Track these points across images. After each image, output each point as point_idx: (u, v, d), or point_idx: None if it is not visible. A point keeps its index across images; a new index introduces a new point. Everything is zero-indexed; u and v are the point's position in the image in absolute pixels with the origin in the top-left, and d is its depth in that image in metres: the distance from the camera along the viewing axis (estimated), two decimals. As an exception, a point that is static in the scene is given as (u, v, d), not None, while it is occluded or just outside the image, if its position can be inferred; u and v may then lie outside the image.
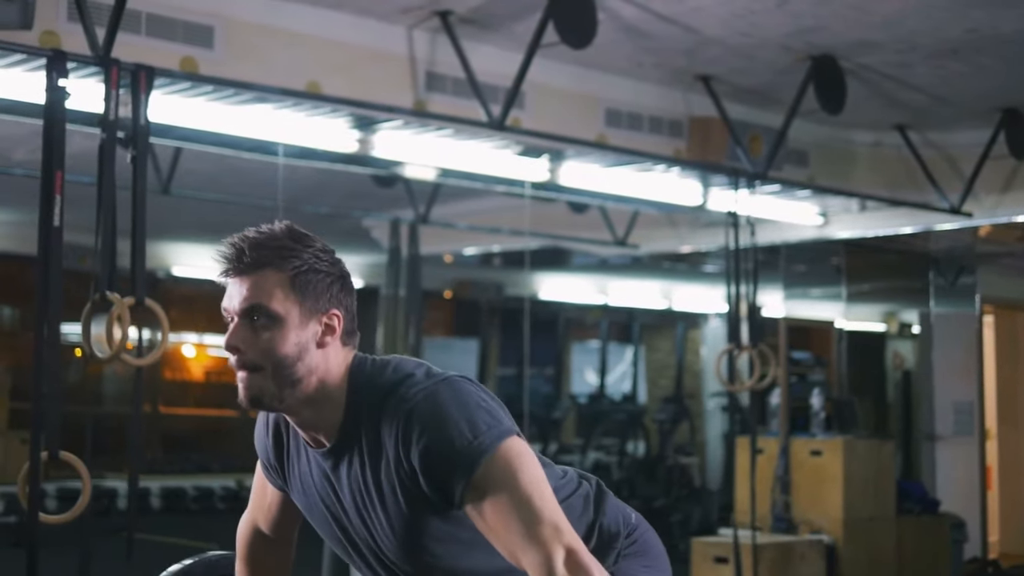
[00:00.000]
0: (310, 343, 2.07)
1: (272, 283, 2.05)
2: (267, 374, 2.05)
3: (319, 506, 2.23)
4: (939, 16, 5.64)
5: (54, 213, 4.22)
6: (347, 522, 2.20)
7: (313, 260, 2.08)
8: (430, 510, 2.07)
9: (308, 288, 2.07)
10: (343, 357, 2.12)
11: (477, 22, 5.78)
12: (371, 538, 2.18)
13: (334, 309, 2.10)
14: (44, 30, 4.73)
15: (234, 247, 2.07)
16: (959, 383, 9.77)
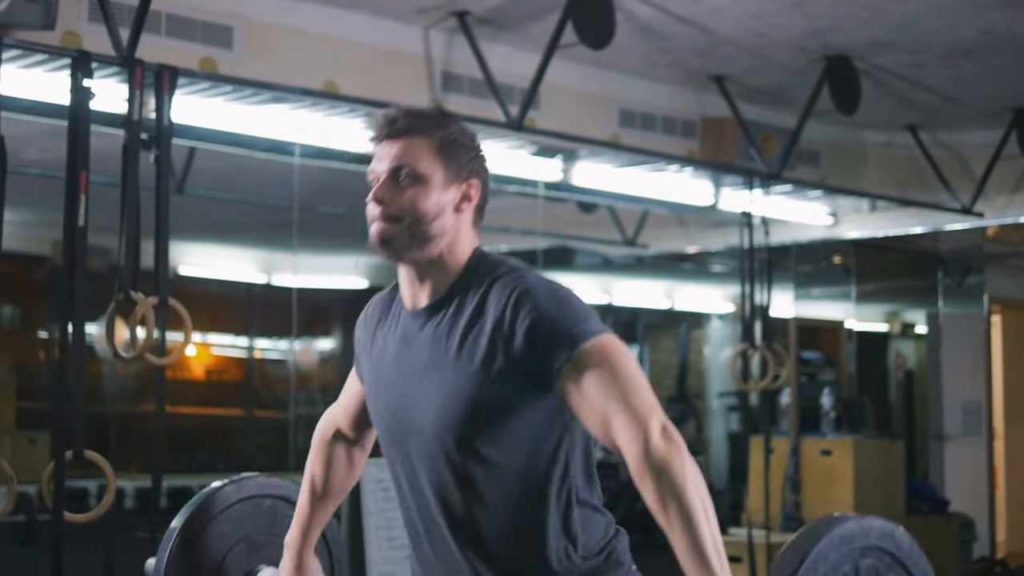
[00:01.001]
0: (448, 206, 2.22)
1: (420, 147, 2.21)
2: (404, 226, 2.20)
3: (383, 377, 2.30)
4: (954, 16, 5.66)
5: (79, 213, 4.23)
6: (405, 394, 2.25)
7: (459, 133, 2.26)
8: (504, 385, 2.12)
9: (452, 155, 2.23)
10: (472, 236, 2.28)
11: (494, 22, 5.79)
12: (423, 415, 2.21)
13: (474, 179, 2.26)
14: (66, 30, 4.74)
15: (388, 116, 2.24)
16: (967, 383, 9.79)
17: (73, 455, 4.23)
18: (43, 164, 7.22)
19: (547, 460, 2.18)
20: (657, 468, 1.98)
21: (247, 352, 12.78)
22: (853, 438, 8.03)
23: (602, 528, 2.30)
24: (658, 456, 1.99)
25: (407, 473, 2.27)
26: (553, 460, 2.19)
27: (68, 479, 4.24)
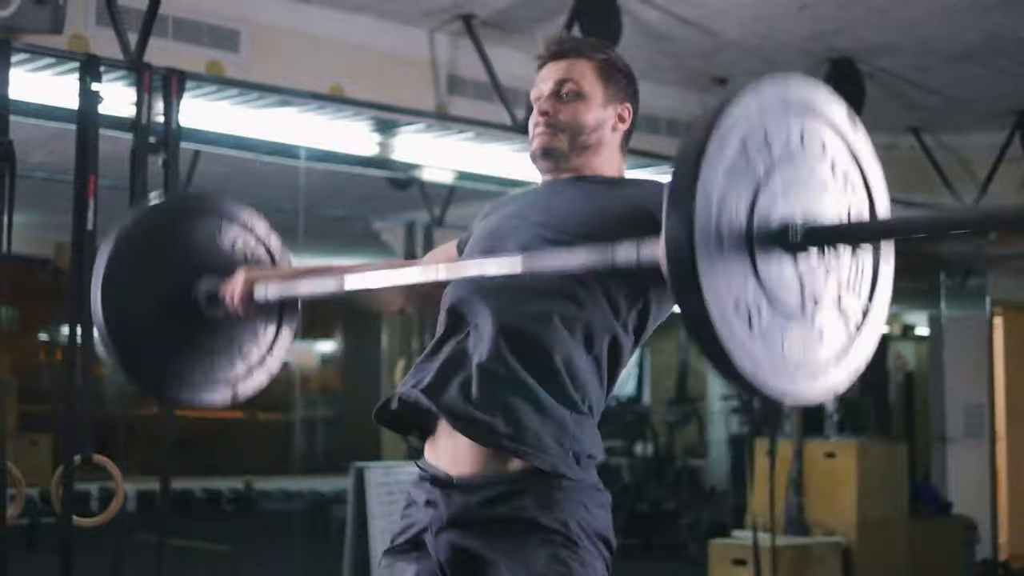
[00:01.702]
0: (606, 123, 2.39)
1: (583, 67, 2.39)
2: (564, 137, 2.36)
3: (504, 213, 2.43)
4: (958, 19, 5.67)
5: (88, 217, 4.24)
6: (517, 221, 2.35)
7: (618, 60, 2.44)
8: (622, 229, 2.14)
9: (611, 79, 2.40)
10: (621, 159, 2.45)
11: (499, 26, 5.80)
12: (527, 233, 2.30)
13: (627, 103, 2.43)
14: (73, 34, 4.75)
15: (554, 39, 2.45)
16: (969, 385, 9.79)
17: (81, 459, 4.24)
18: (48, 167, 7.22)
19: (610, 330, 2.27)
20: None
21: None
22: (857, 441, 8.02)
23: (598, 443, 2.37)
24: None
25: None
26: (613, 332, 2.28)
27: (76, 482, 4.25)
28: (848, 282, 1.93)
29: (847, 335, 1.93)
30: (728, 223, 1.74)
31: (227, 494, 11.81)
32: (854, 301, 1.94)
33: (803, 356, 1.84)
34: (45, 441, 10.67)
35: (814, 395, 1.87)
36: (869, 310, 1.98)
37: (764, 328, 1.78)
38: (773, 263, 1.80)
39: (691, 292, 1.70)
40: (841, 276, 1.92)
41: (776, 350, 1.80)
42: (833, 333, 1.90)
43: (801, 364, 1.84)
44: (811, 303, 1.85)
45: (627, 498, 10.84)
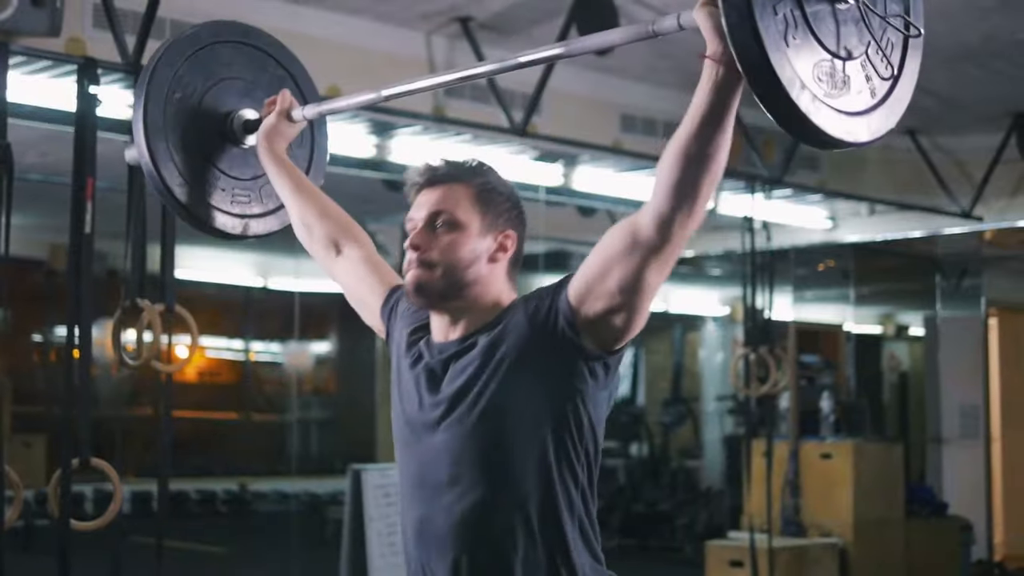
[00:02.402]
0: (483, 255, 2.23)
1: (459, 194, 2.24)
2: (438, 272, 2.20)
3: (403, 408, 2.28)
4: (956, 20, 5.67)
5: (85, 219, 4.22)
6: (426, 421, 2.23)
7: (497, 182, 2.28)
8: (541, 377, 2.12)
9: (490, 204, 2.25)
10: (508, 287, 2.27)
11: (496, 28, 5.80)
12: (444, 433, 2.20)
13: (509, 230, 2.26)
14: (69, 37, 4.74)
15: (429, 165, 2.27)
16: (965, 386, 9.80)
17: (79, 462, 4.22)
18: (42, 169, 7.21)
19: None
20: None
21: (244, 355, 12.77)
22: (853, 442, 8.03)
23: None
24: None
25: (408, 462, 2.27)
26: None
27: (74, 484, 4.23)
28: (882, 36, 2.00)
29: (891, 77, 2.03)
30: None
31: (222, 496, 11.78)
32: (898, 22, 2.02)
33: (864, 98, 1.95)
34: (39, 442, 10.65)
35: (890, 123, 2.01)
36: (913, 22, 2.04)
37: (833, 80, 1.89)
38: (822, 6, 1.89)
39: (754, 53, 1.78)
40: (876, 26, 1.99)
41: (845, 102, 1.91)
42: (875, 78, 2.00)
43: (865, 104, 1.96)
44: (858, 47, 1.94)
45: (623, 499, 10.84)
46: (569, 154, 6.54)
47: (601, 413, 2.20)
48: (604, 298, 2.08)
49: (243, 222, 2.81)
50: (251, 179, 2.81)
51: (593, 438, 2.18)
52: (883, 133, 2.01)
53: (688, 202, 2.01)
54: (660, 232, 2.03)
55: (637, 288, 2.07)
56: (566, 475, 2.15)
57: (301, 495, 10.78)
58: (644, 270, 2.06)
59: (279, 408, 12.56)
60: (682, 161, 1.97)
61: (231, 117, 2.79)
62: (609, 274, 2.07)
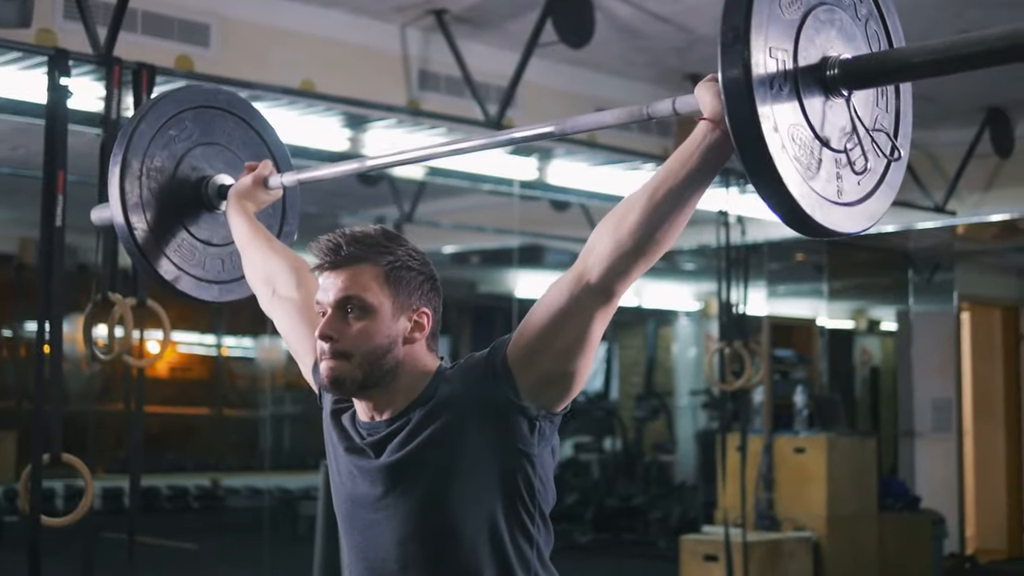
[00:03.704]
0: (399, 338, 2.12)
1: (368, 276, 2.11)
2: (355, 362, 2.09)
3: (342, 483, 2.21)
4: (931, 16, 5.67)
5: (56, 213, 4.18)
6: (365, 497, 2.16)
7: (407, 258, 2.14)
8: (485, 451, 2.06)
9: (401, 284, 2.12)
10: (429, 358, 2.16)
11: (472, 21, 5.77)
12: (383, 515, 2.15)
13: (424, 307, 2.15)
14: (41, 28, 4.69)
15: (331, 243, 2.12)
16: (937, 380, 9.85)
17: (50, 458, 4.18)
18: (12, 162, 7.15)
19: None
20: (613, 214, 1.99)
21: (216, 351, 12.71)
22: (826, 436, 8.05)
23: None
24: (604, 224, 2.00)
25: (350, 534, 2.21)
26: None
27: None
28: (877, 119, 2.03)
29: (882, 167, 2.04)
30: (775, 63, 1.85)
31: (194, 492, 11.73)
32: (883, 137, 2.04)
33: (847, 190, 1.95)
34: (9, 439, 10.57)
35: (858, 228, 1.98)
36: (897, 145, 2.06)
37: (815, 164, 1.90)
38: (816, 100, 1.91)
39: (750, 129, 1.79)
40: (871, 112, 2.02)
41: (823, 185, 1.90)
42: (869, 167, 2.01)
43: (845, 197, 1.95)
44: (850, 138, 1.96)
45: (596, 494, 10.84)
46: (544, 148, 6.52)
47: (549, 468, 2.13)
48: (549, 358, 2.03)
49: (218, 287, 2.84)
50: (228, 243, 2.79)
51: (545, 495, 2.13)
52: (866, 227, 2.01)
53: (648, 255, 1.97)
54: (615, 283, 1.98)
55: (583, 343, 2.02)
56: (520, 540, 2.10)
57: (274, 491, 10.74)
58: (593, 324, 2.01)
59: (251, 404, 12.50)
60: (653, 214, 1.93)
61: (206, 182, 2.79)
62: (557, 331, 2.01)
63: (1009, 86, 6.92)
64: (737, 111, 1.80)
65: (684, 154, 1.92)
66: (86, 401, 11.46)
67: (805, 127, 1.88)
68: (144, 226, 2.68)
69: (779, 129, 1.83)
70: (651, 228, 1.93)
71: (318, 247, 2.13)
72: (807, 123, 1.89)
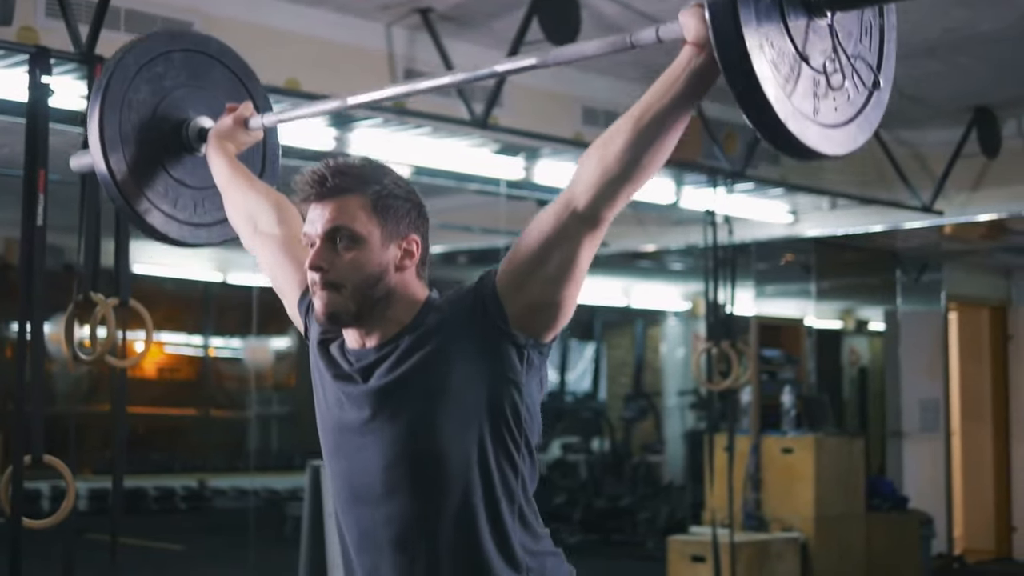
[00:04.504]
0: (390, 266, 2.13)
1: (355, 206, 2.11)
2: (347, 293, 2.11)
3: (328, 413, 2.23)
4: (918, 14, 5.66)
5: (37, 212, 4.14)
6: (352, 421, 2.17)
7: (393, 187, 2.16)
8: (474, 375, 2.08)
9: (389, 212, 2.14)
10: (419, 287, 2.18)
11: (457, 19, 5.75)
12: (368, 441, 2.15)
13: (413, 235, 2.16)
14: (22, 26, 4.65)
15: (316, 175, 2.12)
16: (925, 380, 9.84)
17: (31, 459, 4.14)
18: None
19: None
20: (601, 140, 2.03)
21: (203, 351, 12.66)
22: (814, 436, 8.04)
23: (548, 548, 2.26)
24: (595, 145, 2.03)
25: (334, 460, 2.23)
26: None
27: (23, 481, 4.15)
28: (860, 53, 2.05)
29: (862, 100, 2.06)
30: None
31: (180, 492, 11.69)
32: (864, 67, 2.06)
33: (823, 110, 1.97)
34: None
35: (832, 150, 2.00)
36: (878, 76, 2.08)
37: (797, 85, 1.92)
38: (799, 20, 1.93)
39: (734, 47, 1.82)
40: (853, 45, 2.03)
41: (800, 100, 1.93)
42: (848, 94, 2.03)
43: (821, 117, 1.97)
44: (831, 61, 1.98)
45: (584, 495, 10.82)
46: (531, 147, 6.49)
47: (536, 398, 2.15)
48: (537, 286, 2.05)
49: (194, 230, 2.84)
50: (204, 188, 2.81)
51: (531, 424, 2.14)
52: (839, 153, 2.03)
53: (634, 179, 2.01)
54: (602, 209, 2.02)
55: (571, 271, 2.05)
56: (505, 468, 2.11)
57: (261, 491, 10.70)
58: (581, 249, 2.04)
59: (238, 404, 12.46)
60: (639, 139, 1.97)
61: (186, 125, 2.80)
62: (545, 258, 2.04)
63: (996, 86, 6.91)
64: (722, 26, 1.83)
65: (669, 79, 1.96)
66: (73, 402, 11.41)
67: (787, 42, 1.91)
68: (120, 156, 2.69)
69: (763, 46, 1.86)
70: (637, 152, 1.97)
71: (303, 180, 2.13)
72: (789, 39, 1.91)
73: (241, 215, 2.57)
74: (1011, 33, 5.92)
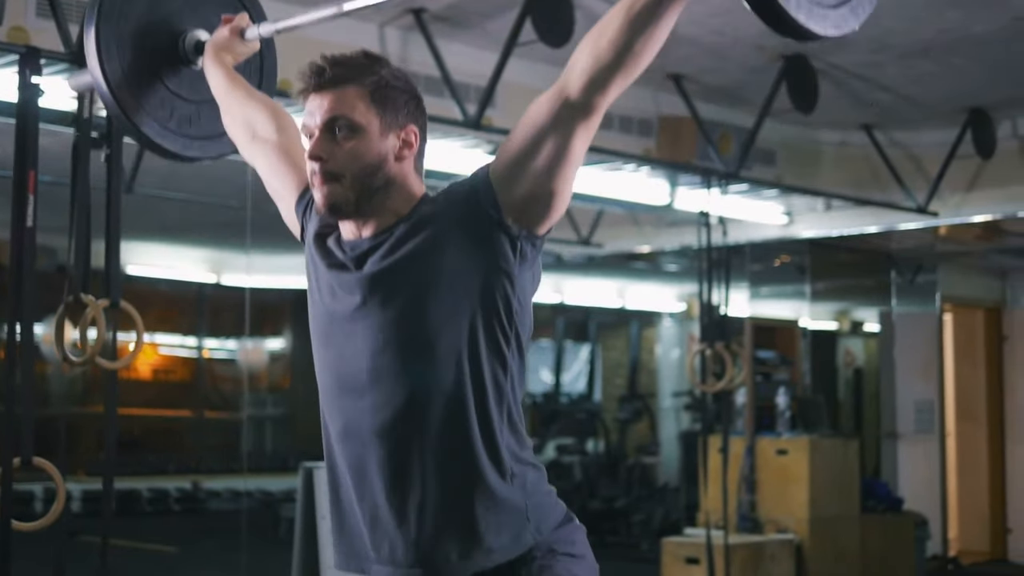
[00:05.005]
0: (389, 155, 2.15)
1: (354, 96, 2.13)
2: (346, 183, 2.13)
3: (321, 301, 2.23)
4: (913, 15, 5.65)
5: (27, 213, 4.12)
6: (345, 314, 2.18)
7: (391, 77, 2.18)
8: (466, 260, 2.09)
9: (387, 102, 2.16)
10: (417, 181, 2.20)
11: (450, 20, 5.73)
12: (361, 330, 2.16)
13: (411, 125, 2.19)
14: (13, 26, 4.64)
15: (315, 66, 2.14)
16: (920, 382, 9.83)
17: (21, 462, 4.12)
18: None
19: None
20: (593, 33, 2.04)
21: (197, 352, 12.65)
22: (809, 438, 8.03)
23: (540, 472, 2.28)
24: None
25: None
26: None
27: (15, 483, 4.14)
28: None
29: None
30: None
31: (175, 494, 11.67)
32: None
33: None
34: (-14, 441, 10.47)
35: (823, 31, 2.04)
36: None
37: None
38: None
39: None
40: None
41: None
42: None
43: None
44: None
45: (579, 496, 10.80)
46: (524, 148, 6.47)
47: (528, 293, 2.16)
48: (530, 175, 2.07)
49: (188, 142, 2.89)
50: (201, 101, 2.84)
51: (522, 318, 2.15)
52: (846, 31, 2.06)
53: (626, 67, 2.02)
54: (595, 95, 2.04)
55: (564, 159, 2.06)
56: (495, 362, 2.11)
57: (255, 493, 10.68)
58: (573, 138, 2.06)
59: (233, 405, 12.44)
60: (631, 26, 1.99)
61: (183, 37, 2.84)
62: (538, 147, 2.06)
63: (991, 87, 6.90)
64: None
65: None
66: (68, 403, 11.40)
67: None
68: (117, 66, 2.72)
69: None
70: (630, 40, 1.99)
71: (301, 73, 2.15)
72: None
73: (239, 123, 2.58)
74: (1005, 34, 5.91)
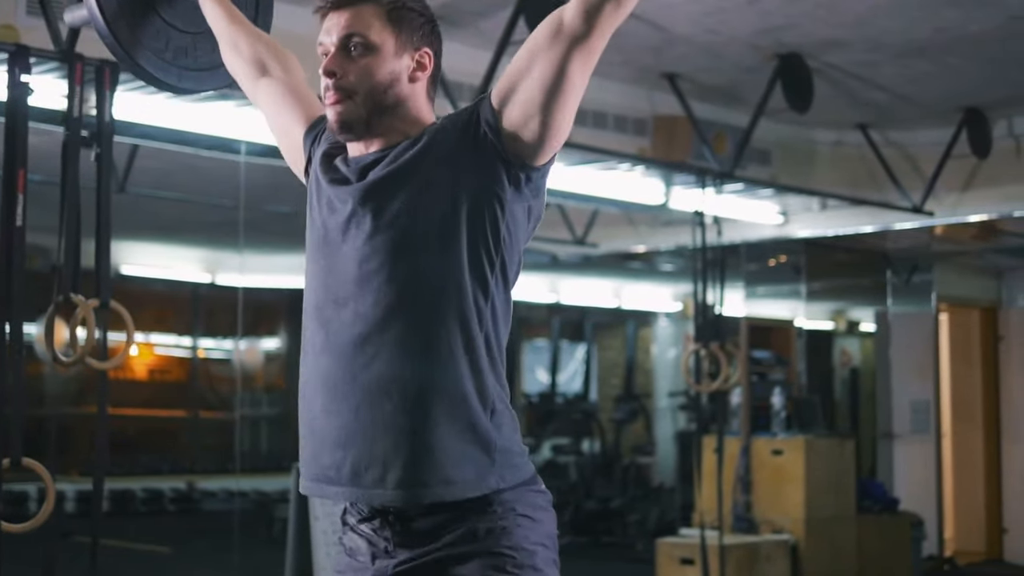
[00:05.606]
0: (402, 75, 2.17)
1: (370, 15, 2.15)
2: (359, 100, 2.14)
3: (319, 214, 2.23)
4: (910, 15, 5.64)
5: (16, 212, 4.10)
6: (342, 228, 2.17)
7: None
8: (463, 185, 2.10)
9: (403, 22, 2.17)
10: (428, 108, 2.21)
11: (444, 18, 5.67)
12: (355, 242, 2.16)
13: (425, 47, 2.20)
14: (2, 24, 4.61)
15: None
16: (916, 382, 9.81)
17: (11, 462, 4.10)
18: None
19: None
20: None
21: (191, 352, 12.62)
22: (804, 438, 8.01)
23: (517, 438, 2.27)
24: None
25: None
26: None
27: (7, 483, 4.11)
28: None
29: None
30: None
31: (169, 494, 11.64)
32: None
33: None
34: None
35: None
36: None
37: None
38: None
39: None
40: None
41: None
42: None
43: None
44: None
45: (574, 496, 10.78)
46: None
47: (520, 228, 2.16)
48: (528, 100, 2.07)
49: (182, 73, 2.84)
50: (196, 32, 2.81)
51: (510, 248, 2.14)
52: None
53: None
54: (587, 20, 2.05)
55: (561, 86, 2.07)
56: (476, 286, 2.10)
57: (249, 493, 10.66)
58: (568, 62, 2.06)
59: (228, 405, 12.41)
60: None
61: None
62: (534, 67, 2.07)
63: (987, 87, 6.89)
64: None
65: None
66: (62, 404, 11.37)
67: None
68: (119, 11, 2.70)
69: None
70: None
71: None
72: None
73: (247, 59, 2.57)
74: (1001, 33, 5.89)
